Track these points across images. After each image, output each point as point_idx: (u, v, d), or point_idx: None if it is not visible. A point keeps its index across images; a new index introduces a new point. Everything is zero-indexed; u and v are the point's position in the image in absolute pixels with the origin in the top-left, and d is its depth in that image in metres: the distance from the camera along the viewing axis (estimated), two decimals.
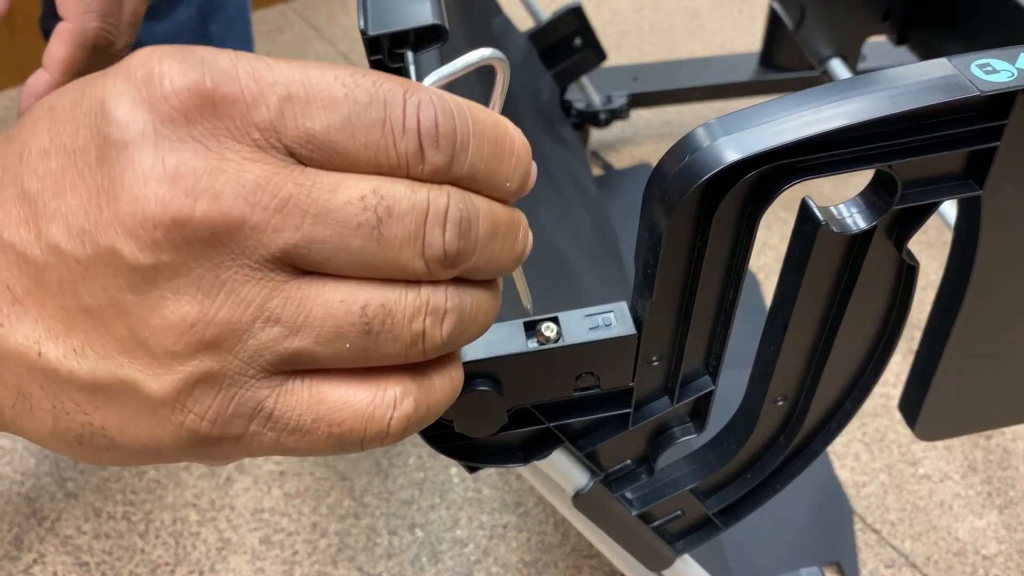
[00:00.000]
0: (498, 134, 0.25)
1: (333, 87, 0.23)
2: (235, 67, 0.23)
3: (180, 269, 0.23)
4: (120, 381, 0.24)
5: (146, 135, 0.23)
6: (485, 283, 0.27)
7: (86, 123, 0.23)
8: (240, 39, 0.96)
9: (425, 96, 0.24)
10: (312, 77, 0.23)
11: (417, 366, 0.26)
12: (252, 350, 0.24)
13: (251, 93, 0.23)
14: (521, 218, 0.27)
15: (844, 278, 0.38)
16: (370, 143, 0.23)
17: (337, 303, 0.24)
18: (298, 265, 0.24)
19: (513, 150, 0.26)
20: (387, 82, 0.24)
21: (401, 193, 0.23)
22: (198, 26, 0.91)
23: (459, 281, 0.26)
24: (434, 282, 0.25)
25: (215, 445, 0.25)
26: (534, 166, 0.27)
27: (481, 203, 0.25)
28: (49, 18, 0.89)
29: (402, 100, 0.24)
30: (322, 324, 0.24)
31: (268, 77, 0.23)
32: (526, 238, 0.27)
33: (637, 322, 0.36)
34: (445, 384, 0.27)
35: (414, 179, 0.24)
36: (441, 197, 0.24)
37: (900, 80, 0.32)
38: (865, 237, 0.36)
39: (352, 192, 0.23)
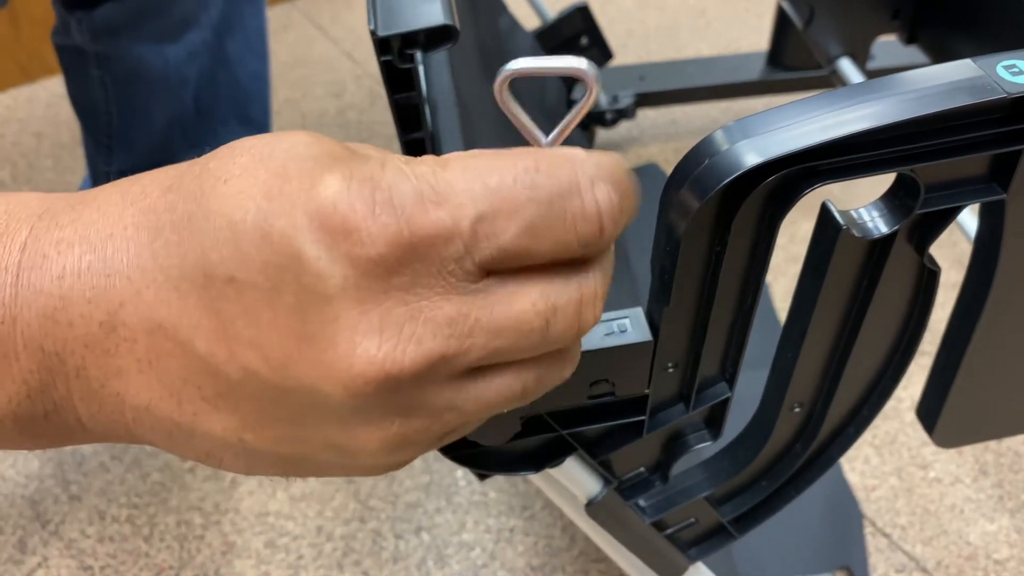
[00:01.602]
0: (631, 181, 0.27)
1: (516, 191, 0.24)
2: (422, 198, 0.23)
3: (385, 405, 0.25)
4: (321, 462, 0.27)
5: (347, 290, 0.23)
6: None
7: (276, 264, 0.23)
8: (257, 57, 0.96)
9: (595, 172, 0.25)
10: (493, 183, 0.24)
11: None
12: (436, 433, 0.27)
13: (444, 227, 0.23)
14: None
15: (864, 283, 0.37)
16: (556, 239, 0.25)
17: (505, 389, 0.27)
18: (475, 368, 0.26)
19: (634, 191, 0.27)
20: (559, 169, 0.25)
21: (562, 288, 0.25)
22: (214, 46, 0.91)
23: None
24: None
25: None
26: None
27: (609, 265, 0.27)
28: (61, 33, 0.88)
29: (579, 187, 0.25)
30: (489, 407, 0.27)
31: (455, 200, 0.24)
32: None
33: (653, 328, 0.36)
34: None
35: (580, 255, 0.26)
36: (588, 280, 0.26)
37: (924, 82, 0.31)
38: (886, 241, 0.35)
39: (526, 301, 0.25)
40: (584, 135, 1.21)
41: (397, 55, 0.43)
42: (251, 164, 0.24)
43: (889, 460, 0.92)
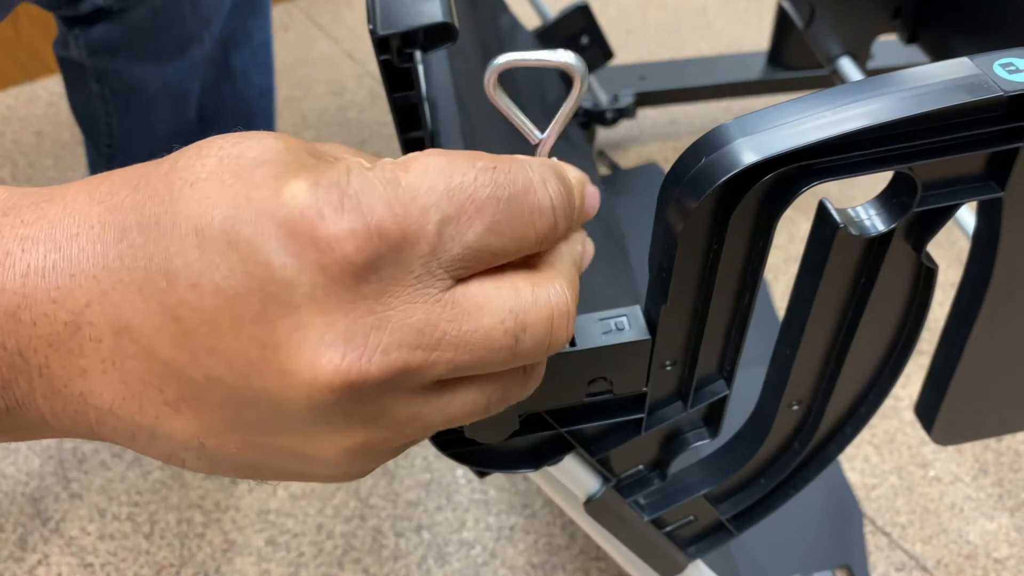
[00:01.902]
0: (578, 182, 0.28)
1: (475, 189, 0.25)
2: (388, 202, 0.24)
3: (347, 414, 0.25)
4: (281, 468, 0.27)
5: (315, 298, 0.23)
6: None
7: (242, 269, 0.23)
8: (263, 71, 0.95)
9: (545, 170, 0.26)
10: (454, 182, 0.24)
11: None
12: (397, 444, 0.27)
13: (411, 231, 0.24)
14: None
15: (862, 281, 0.37)
16: (515, 235, 0.25)
17: (470, 403, 0.27)
18: (440, 381, 0.26)
19: (583, 193, 0.29)
20: (514, 168, 0.26)
21: (531, 305, 0.26)
22: (219, 61, 0.90)
23: None
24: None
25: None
26: (592, 190, 0.30)
27: (576, 280, 0.28)
28: (61, 45, 0.87)
29: (532, 183, 0.26)
30: (452, 420, 0.27)
31: (419, 202, 0.24)
32: None
33: (651, 326, 0.36)
34: None
35: (540, 251, 0.27)
36: (560, 296, 0.26)
37: (921, 80, 0.31)
38: (883, 240, 0.35)
39: (495, 317, 0.25)
40: (585, 134, 1.21)
41: (396, 54, 0.43)
42: (218, 168, 0.24)
43: (889, 459, 0.92)
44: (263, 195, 0.23)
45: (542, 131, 0.30)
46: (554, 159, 0.28)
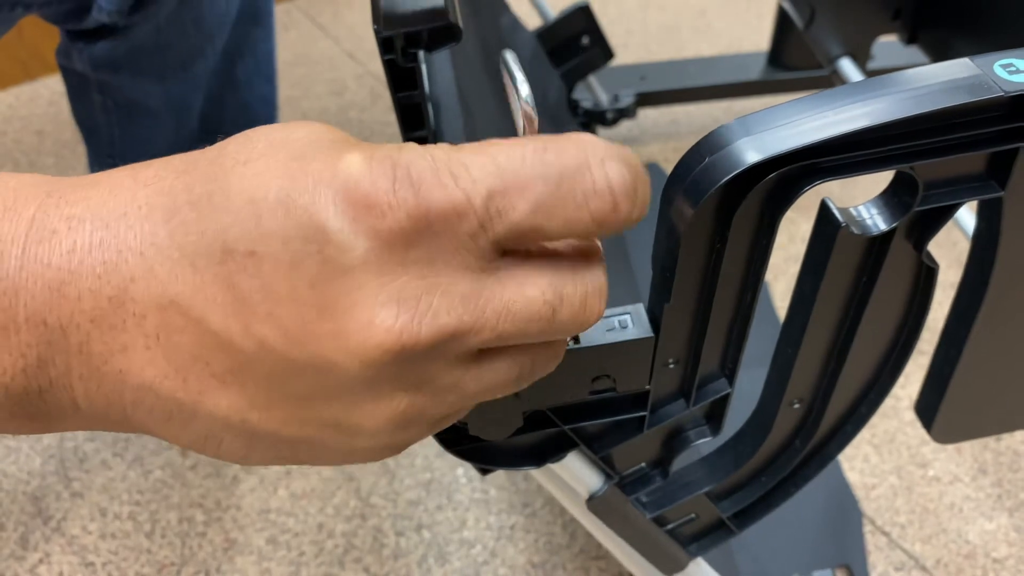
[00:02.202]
0: (643, 168, 0.28)
1: (524, 169, 0.25)
2: (438, 175, 0.24)
3: (395, 378, 0.26)
4: (322, 444, 0.28)
5: (368, 262, 0.24)
6: None
7: (299, 236, 0.24)
8: (265, 80, 0.95)
9: (605, 152, 0.26)
10: (502, 163, 0.25)
11: None
12: (436, 415, 0.28)
13: (459, 203, 0.24)
14: None
15: (863, 280, 0.37)
16: (567, 219, 0.25)
17: (504, 372, 0.28)
18: (479, 351, 0.27)
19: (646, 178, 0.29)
20: (567, 149, 0.26)
21: (570, 280, 0.27)
22: (222, 71, 0.90)
23: None
24: None
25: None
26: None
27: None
28: (64, 55, 0.87)
29: (588, 165, 0.26)
30: (487, 391, 0.28)
31: (468, 176, 0.25)
32: None
33: (654, 324, 0.36)
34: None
35: (596, 233, 0.27)
36: (596, 275, 0.28)
37: (922, 80, 0.31)
38: (885, 239, 0.35)
39: (536, 288, 0.26)
40: None
41: (400, 54, 0.43)
42: (269, 148, 0.25)
43: (888, 459, 0.92)
44: (319, 167, 0.24)
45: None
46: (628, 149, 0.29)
